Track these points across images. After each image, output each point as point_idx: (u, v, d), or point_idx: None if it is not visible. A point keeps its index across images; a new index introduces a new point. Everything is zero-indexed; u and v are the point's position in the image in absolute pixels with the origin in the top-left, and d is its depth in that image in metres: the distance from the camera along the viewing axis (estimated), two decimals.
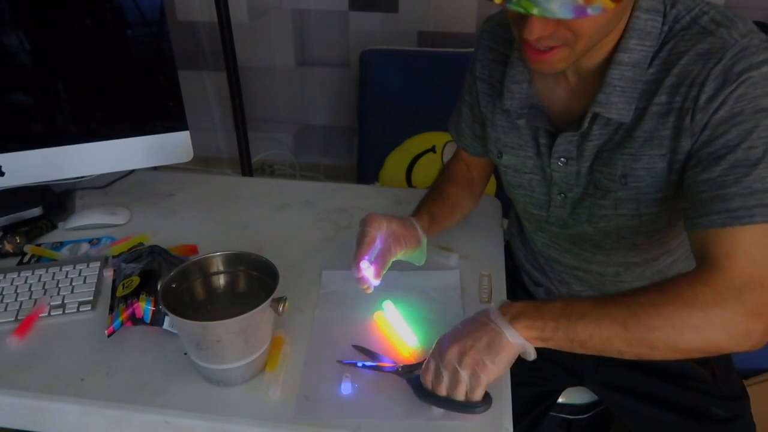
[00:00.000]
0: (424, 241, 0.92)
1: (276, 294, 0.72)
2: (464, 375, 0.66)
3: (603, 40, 0.72)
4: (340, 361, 0.78)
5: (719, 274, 0.64)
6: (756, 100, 0.66)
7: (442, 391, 0.68)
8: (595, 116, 0.76)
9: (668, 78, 0.71)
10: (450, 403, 0.69)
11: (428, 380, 0.69)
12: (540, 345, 0.66)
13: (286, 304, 0.72)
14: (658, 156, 0.74)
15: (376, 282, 0.83)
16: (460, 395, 0.67)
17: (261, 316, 0.71)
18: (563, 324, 0.65)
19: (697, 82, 0.69)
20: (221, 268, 0.80)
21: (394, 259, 0.87)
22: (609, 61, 0.74)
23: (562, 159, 0.82)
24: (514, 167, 0.90)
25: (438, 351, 0.69)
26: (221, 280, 0.80)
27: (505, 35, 0.88)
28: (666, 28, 0.72)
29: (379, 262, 0.83)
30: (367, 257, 0.82)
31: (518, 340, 0.66)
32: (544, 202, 0.89)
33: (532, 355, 0.67)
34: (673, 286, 0.65)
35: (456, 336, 0.68)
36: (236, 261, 0.80)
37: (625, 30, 0.72)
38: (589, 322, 0.64)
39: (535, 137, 0.85)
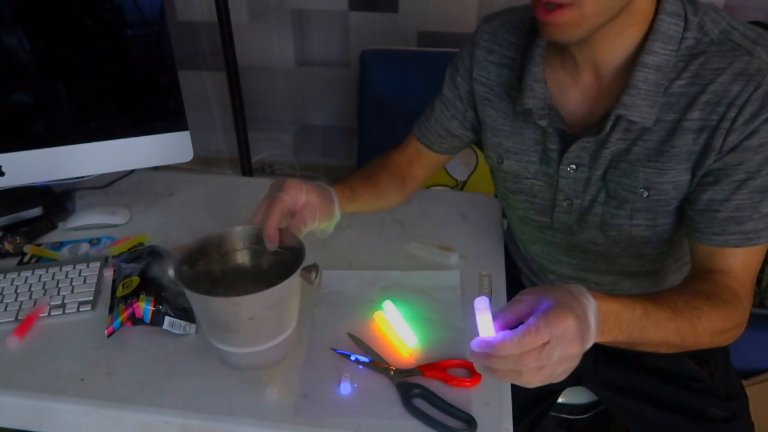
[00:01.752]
0: (337, 216, 0.86)
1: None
2: (549, 372, 0.55)
3: (623, 31, 0.72)
4: (333, 349, 0.79)
5: (735, 282, 0.73)
6: None
7: (531, 364, 0.53)
8: (617, 120, 0.75)
9: (703, 94, 0.71)
10: (434, 422, 0.69)
11: (525, 344, 0.53)
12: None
13: (318, 271, 0.67)
14: (684, 169, 0.74)
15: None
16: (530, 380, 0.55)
17: (293, 287, 0.66)
18: (636, 334, 0.62)
19: (736, 103, 0.69)
20: (240, 245, 0.76)
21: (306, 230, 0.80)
22: (632, 63, 0.73)
23: (572, 165, 0.81)
24: (515, 173, 0.88)
25: (558, 324, 0.53)
26: (242, 257, 0.76)
27: (508, 37, 0.87)
28: (691, 37, 0.72)
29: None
30: (487, 300, 0.58)
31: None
32: (548, 207, 0.88)
33: None
34: (718, 297, 0.71)
35: (579, 329, 0.55)
36: (256, 237, 0.75)
37: (649, 32, 0.72)
38: (656, 335, 0.64)
39: (542, 142, 0.83)
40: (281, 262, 0.73)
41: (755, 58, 0.69)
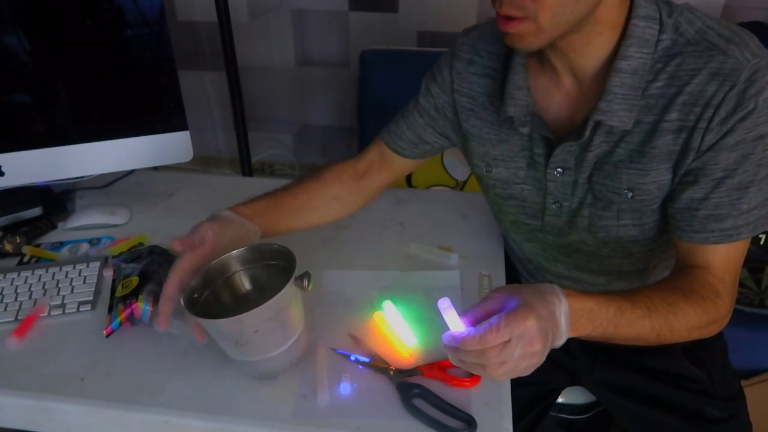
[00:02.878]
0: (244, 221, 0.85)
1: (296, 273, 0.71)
2: (514, 367, 0.58)
3: (591, 40, 0.72)
4: (333, 349, 0.79)
5: (714, 277, 0.74)
6: (758, 128, 0.70)
7: (493, 359, 0.58)
8: (597, 125, 0.76)
9: (680, 95, 0.71)
10: (434, 422, 0.69)
11: (489, 340, 0.57)
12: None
13: (311, 279, 0.71)
14: (665, 169, 0.75)
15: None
16: (493, 372, 0.59)
17: (289, 296, 0.70)
18: (609, 330, 0.66)
19: (712, 103, 0.69)
20: (239, 267, 0.79)
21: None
22: (609, 68, 0.74)
23: (558, 169, 0.81)
24: (504, 180, 0.89)
25: (518, 324, 0.57)
26: (242, 278, 0.80)
27: (488, 48, 0.87)
28: (667, 39, 0.72)
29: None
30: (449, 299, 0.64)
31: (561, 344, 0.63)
32: (538, 211, 0.88)
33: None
34: (697, 293, 0.72)
35: (540, 329, 0.58)
36: (252, 256, 0.79)
37: (623, 37, 0.72)
38: (630, 331, 0.67)
39: (529, 147, 0.84)
40: (278, 273, 0.76)
41: (730, 58, 0.69)
